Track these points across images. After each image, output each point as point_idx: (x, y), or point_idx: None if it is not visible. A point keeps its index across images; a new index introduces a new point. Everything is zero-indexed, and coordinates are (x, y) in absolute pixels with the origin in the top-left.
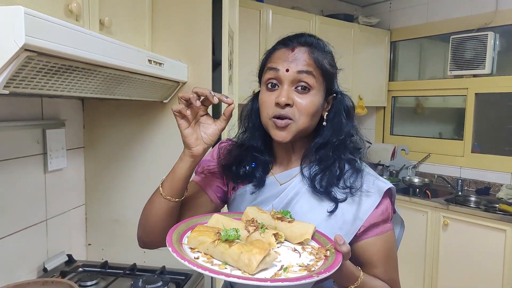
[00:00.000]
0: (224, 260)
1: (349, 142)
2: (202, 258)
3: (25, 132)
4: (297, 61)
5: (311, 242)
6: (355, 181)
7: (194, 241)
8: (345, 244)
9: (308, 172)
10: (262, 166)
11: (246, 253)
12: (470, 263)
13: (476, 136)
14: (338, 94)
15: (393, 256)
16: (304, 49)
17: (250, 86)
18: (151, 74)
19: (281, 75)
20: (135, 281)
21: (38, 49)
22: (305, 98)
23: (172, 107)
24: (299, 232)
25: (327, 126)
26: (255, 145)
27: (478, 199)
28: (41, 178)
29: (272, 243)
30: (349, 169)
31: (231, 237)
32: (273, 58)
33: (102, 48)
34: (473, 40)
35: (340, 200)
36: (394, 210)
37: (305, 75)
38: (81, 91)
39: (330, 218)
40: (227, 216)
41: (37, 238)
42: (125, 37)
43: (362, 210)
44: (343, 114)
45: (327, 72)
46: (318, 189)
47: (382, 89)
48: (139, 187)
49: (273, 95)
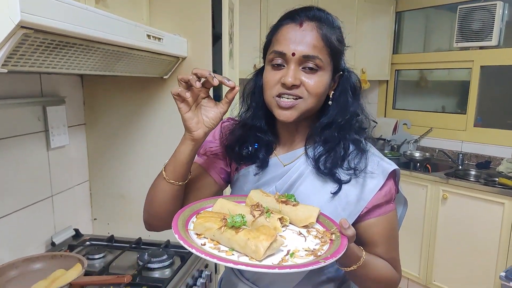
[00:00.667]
0: (230, 246)
1: (355, 122)
2: (208, 244)
3: (26, 109)
4: (304, 42)
5: (316, 225)
6: (359, 162)
7: (200, 227)
8: (350, 228)
9: (312, 152)
10: (265, 147)
11: (253, 240)
12: (467, 235)
13: (479, 110)
14: (345, 72)
15: (395, 235)
16: (312, 25)
17: (251, 60)
18: (151, 50)
19: (288, 57)
20: (141, 255)
21: (35, 26)
22: (313, 78)
23: (171, 90)
24: (304, 215)
25: (332, 105)
26: (258, 125)
27: (478, 173)
28: (44, 155)
29: (278, 227)
30: (354, 150)
31: (237, 224)
32: (279, 37)
33: (100, 23)
34: (481, 10)
35: (344, 181)
36: (397, 190)
37: (313, 58)
38: (80, 67)
39: (334, 199)
40: (230, 199)
41: (44, 214)
42: (122, 11)
43: (366, 191)
44: (349, 93)
45: (335, 50)
46: (322, 170)
47: (386, 62)
48: (141, 162)
49: (278, 74)
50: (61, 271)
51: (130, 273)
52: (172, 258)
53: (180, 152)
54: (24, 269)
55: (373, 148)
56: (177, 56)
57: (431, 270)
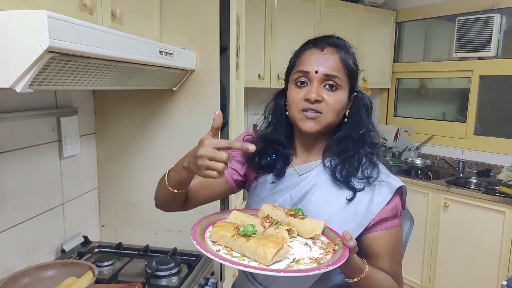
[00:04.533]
0: (242, 252)
1: (368, 136)
2: (223, 251)
3: (41, 120)
4: (326, 63)
5: (322, 237)
6: (371, 172)
7: (215, 235)
8: (352, 240)
9: (329, 163)
10: (283, 159)
11: (262, 247)
12: (468, 244)
13: (479, 118)
14: (359, 93)
15: (399, 250)
16: (332, 50)
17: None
18: (162, 65)
19: (311, 75)
20: (149, 262)
21: (61, 50)
22: (333, 95)
23: (225, 161)
24: (310, 228)
25: (348, 121)
26: (278, 139)
27: (479, 181)
28: (57, 164)
29: (286, 237)
30: (366, 162)
31: (248, 232)
32: (303, 59)
33: (117, 43)
34: (479, 22)
35: (359, 189)
36: (404, 207)
37: (333, 77)
38: (96, 84)
39: (346, 207)
40: (244, 212)
41: (54, 221)
42: (136, 27)
43: (374, 204)
44: (363, 111)
45: (352, 71)
46: (339, 179)
47: (387, 70)
48: (149, 171)
49: (302, 91)
50: (73, 279)
51: (139, 281)
52: (179, 266)
53: (182, 177)
54: (36, 276)
55: (382, 166)
56: (186, 69)
57: (433, 278)
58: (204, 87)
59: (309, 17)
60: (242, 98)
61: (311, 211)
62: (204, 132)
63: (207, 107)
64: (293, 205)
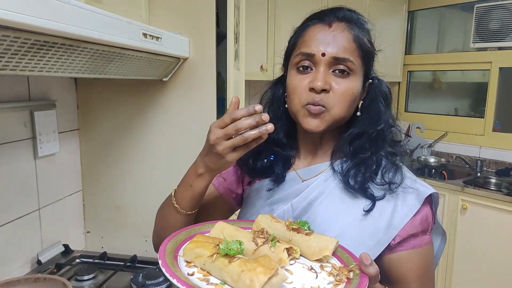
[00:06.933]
0: (222, 278)
1: (388, 133)
2: (197, 275)
3: (11, 115)
4: (335, 43)
5: (332, 260)
6: (394, 176)
7: (190, 253)
8: (372, 265)
9: (339, 167)
10: (283, 161)
11: (248, 272)
12: (488, 249)
13: (498, 114)
14: (375, 80)
15: (430, 274)
16: (343, 26)
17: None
18: (147, 50)
19: (317, 59)
20: (135, 276)
21: (12, 24)
22: (344, 82)
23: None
24: (317, 247)
25: (362, 115)
26: (276, 138)
27: (499, 181)
28: (31, 164)
29: (284, 259)
30: (388, 164)
31: (232, 251)
32: (306, 38)
33: (86, 20)
34: (499, 9)
35: (378, 197)
36: (435, 220)
37: (344, 60)
38: (66, 70)
39: (365, 218)
40: (234, 224)
41: (29, 229)
42: (118, 8)
43: (398, 217)
44: (381, 101)
45: (367, 53)
46: (353, 186)
47: (398, 63)
48: (138, 171)
49: (306, 78)
50: None
51: None
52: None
53: (199, 188)
54: None
55: (406, 169)
56: (178, 56)
57: (449, 284)
58: (199, 78)
59: (316, 4)
60: (242, 91)
61: (318, 224)
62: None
63: (203, 100)
64: (296, 218)
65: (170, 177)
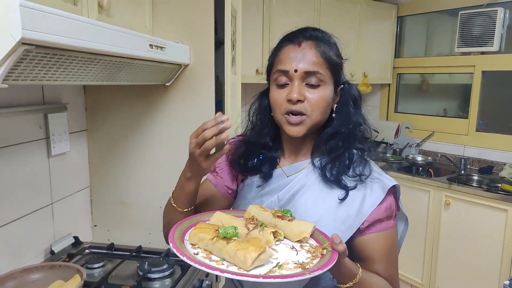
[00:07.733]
0: (221, 256)
1: (358, 131)
2: (201, 254)
3: (27, 117)
4: (305, 59)
5: (310, 241)
6: (363, 169)
7: (194, 237)
8: (341, 243)
9: (318, 162)
10: (270, 162)
11: (242, 250)
12: (470, 242)
13: (481, 114)
14: (345, 85)
15: (394, 253)
16: (310, 44)
17: (253, 65)
18: (153, 59)
19: (291, 74)
20: (141, 264)
21: (36, 42)
22: (316, 92)
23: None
24: (298, 230)
25: (336, 117)
26: (263, 142)
27: (481, 178)
28: (45, 162)
29: (270, 241)
30: (358, 159)
31: (229, 235)
32: (281, 57)
33: (102, 36)
34: (482, 16)
35: (351, 187)
36: (398, 208)
37: (314, 73)
38: (81, 79)
39: (339, 206)
40: (229, 213)
41: (43, 222)
42: (125, 19)
43: (366, 205)
44: (351, 104)
45: (334, 64)
46: (329, 178)
47: (388, 66)
48: (142, 168)
49: (284, 92)
50: (60, 283)
51: (129, 284)
52: (173, 267)
53: (189, 189)
54: (22, 280)
55: (373, 163)
56: (180, 63)
57: (434, 276)
58: (198, 83)
59: (308, 11)
60: (239, 94)
61: (300, 213)
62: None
63: (202, 103)
64: (281, 207)
65: (171, 174)
